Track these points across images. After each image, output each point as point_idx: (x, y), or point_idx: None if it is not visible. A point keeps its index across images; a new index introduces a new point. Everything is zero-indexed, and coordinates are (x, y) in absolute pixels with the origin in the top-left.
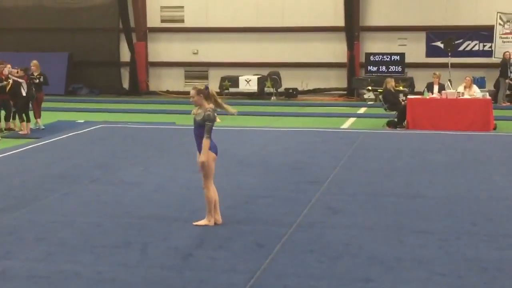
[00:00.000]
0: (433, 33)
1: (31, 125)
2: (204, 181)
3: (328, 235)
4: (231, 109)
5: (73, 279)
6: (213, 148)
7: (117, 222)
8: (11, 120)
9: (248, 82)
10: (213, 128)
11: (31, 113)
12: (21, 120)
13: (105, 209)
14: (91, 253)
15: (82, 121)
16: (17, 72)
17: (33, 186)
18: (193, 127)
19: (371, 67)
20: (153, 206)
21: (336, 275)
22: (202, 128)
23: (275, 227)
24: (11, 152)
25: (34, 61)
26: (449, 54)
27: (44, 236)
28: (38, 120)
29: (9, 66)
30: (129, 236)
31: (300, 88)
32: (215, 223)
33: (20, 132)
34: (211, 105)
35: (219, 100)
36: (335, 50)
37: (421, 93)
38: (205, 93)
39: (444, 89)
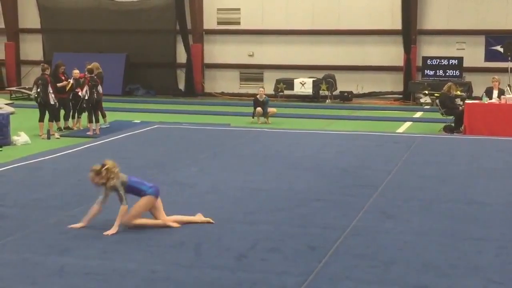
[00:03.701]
0: (492, 37)
1: (100, 124)
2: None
3: (382, 240)
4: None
5: (128, 277)
6: (151, 188)
7: None
8: (70, 119)
9: (303, 85)
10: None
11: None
12: (89, 121)
13: None
14: (146, 252)
15: (138, 121)
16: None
17: (89, 185)
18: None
19: (428, 71)
20: (206, 207)
21: (389, 280)
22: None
23: (328, 231)
24: (69, 151)
25: (94, 63)
26: (509, 58)
27: (100, 234)
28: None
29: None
30: (183, 236)
31: (355, 91)
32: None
33: (87, 133)
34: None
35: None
36: (391, 53)
37: (479, 98)
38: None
39: (504, 94)
